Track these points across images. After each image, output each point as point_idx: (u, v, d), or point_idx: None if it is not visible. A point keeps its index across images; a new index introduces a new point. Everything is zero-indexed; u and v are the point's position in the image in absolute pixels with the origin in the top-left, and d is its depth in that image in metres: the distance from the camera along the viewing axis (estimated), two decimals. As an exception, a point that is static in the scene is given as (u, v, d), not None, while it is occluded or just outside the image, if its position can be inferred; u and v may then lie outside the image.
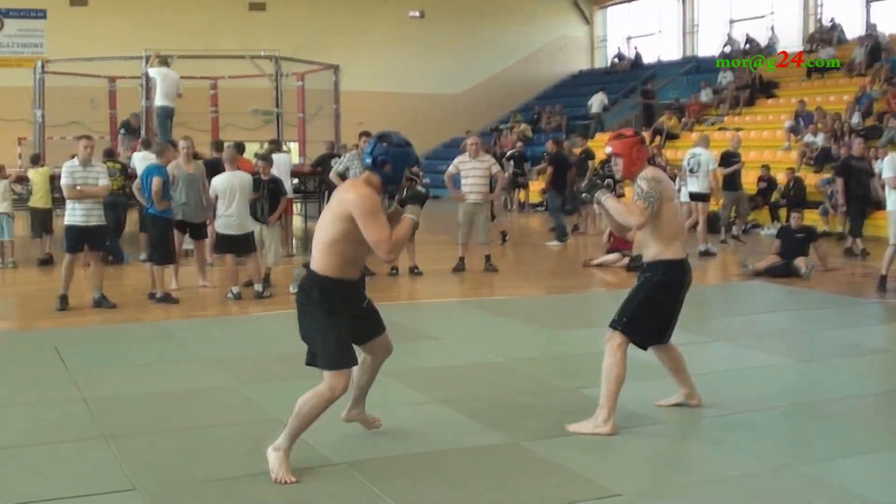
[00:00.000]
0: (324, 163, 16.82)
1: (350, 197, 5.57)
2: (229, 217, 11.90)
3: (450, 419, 6.88)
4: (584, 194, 7.03)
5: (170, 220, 12.11)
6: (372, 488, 5.46)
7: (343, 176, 13.49)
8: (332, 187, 14.22)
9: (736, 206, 18.94)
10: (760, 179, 21.41)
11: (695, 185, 16.91)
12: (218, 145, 15.34)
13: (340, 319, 5.69)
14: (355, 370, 6.05)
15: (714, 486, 5.69)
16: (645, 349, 6.83)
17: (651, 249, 6.64)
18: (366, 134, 13.72)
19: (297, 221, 19.61)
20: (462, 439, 6.39)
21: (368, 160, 5.72)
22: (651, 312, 6.64)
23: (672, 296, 6.67)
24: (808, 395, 7.71)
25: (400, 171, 5.75)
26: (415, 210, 5.72)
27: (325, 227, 5.66)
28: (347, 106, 21.34)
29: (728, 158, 18.59)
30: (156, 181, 11.81)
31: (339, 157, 14.63)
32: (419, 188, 5.81)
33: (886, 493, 5.59)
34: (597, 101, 32.59)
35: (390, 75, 34.57)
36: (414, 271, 14.07)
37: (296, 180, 18.12)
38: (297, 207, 19.20)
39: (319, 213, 17.07)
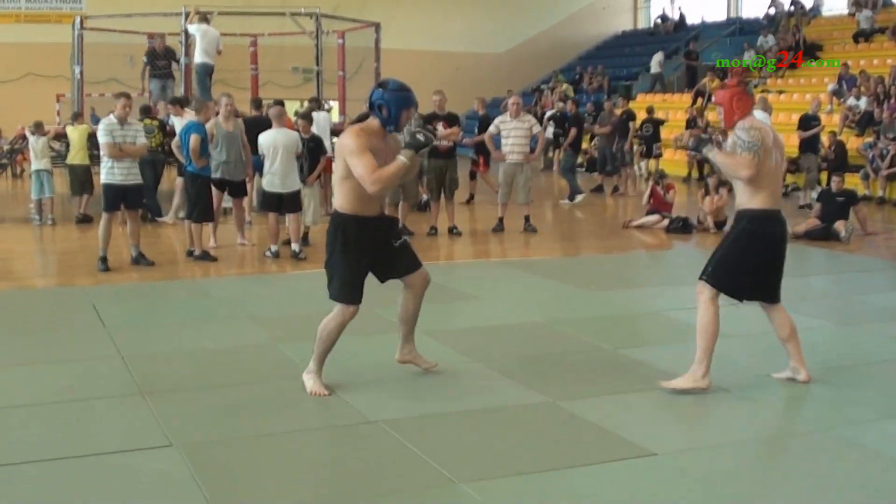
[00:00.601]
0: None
1: (342, 139, 6.23)
2: (273, 175, 11.89)
3: (486, 378, 6.88)
4: (691, 151, 7.08)
5: (208, 177, 12.11)
6: (408, 445, 5.47)
7: None
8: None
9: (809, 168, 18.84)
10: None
11: None
12: (257, 103, 15.31)
13: (354, 256, 6.37)
14: (398, 306, 6.87)
15: (748, 447, 5.68)
16: (741, 301, 6.77)
17: (739, 199, 6.58)
18: None
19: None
20: (498, 398, 6.39)
21: (367, 104, 6.35)
22: (737, 262, 6.56)
23: (758, 247, 6.55)
24: (845, 358, 7.62)
25: (396, 112, 6.24)
26: (407, 154, 6.10)
27: (336, 167, 6.36)
28: (388, 64, 21.22)
29: (808, 122, 18.54)
30: (193, 138, 11.82)
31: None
32: (418, 136, 6.14)
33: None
34: (656, 61, 32.16)
35: (432, 33, 34.42)
36: (453, 231, 14.03)
37: (336, 139, 18.09)
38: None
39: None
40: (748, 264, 6.57)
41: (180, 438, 5.58)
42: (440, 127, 13.81)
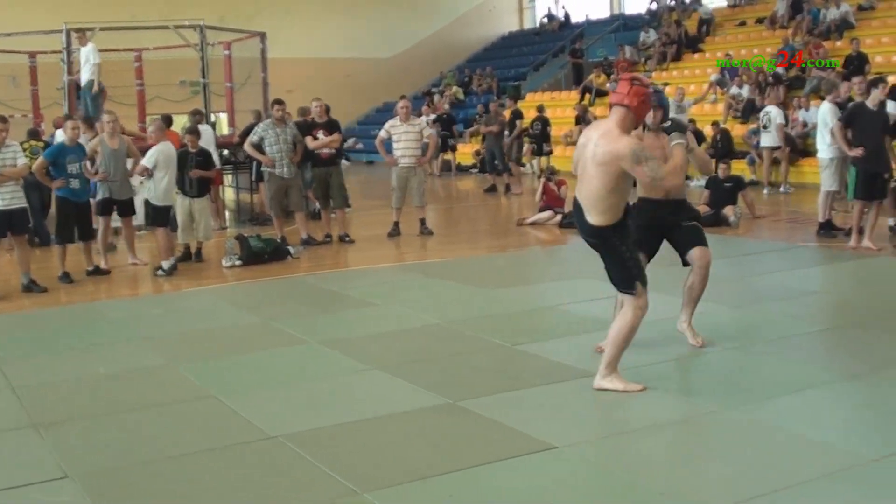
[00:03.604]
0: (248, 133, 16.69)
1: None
2: (167, 190, 11.90)
3: (386, 384, 6.86)
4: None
5: (67, 199, 11.68)
6: (309, 459, 5.42)
7: (258, 146, 13.37)
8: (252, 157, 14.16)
9: None
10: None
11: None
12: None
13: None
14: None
15: (649, 433, 5.75)
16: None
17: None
18: (279, 102, 13.60)
19: (229, 193, 19.44)
20: (400, 404, 6.38)
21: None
22: None
23: None
24: (741, 339, 7.77)
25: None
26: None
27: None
28: (277, 74, 21.12)
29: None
30: (39, 161, 11.71)
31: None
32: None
33: (820, 429, 5.68)
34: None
35: (320, 41, 34.29)
36: (345, 239, 14.01)
37: (225, 151, 17.94)
38: (228, 179, 19.01)
39: (250, 184, 17.18)
40: None
41: (76, 469, 5.42)
42: (321, 134, 13.81)
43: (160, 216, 11.96)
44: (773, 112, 18.24)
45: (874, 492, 4.82)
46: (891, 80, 18.48)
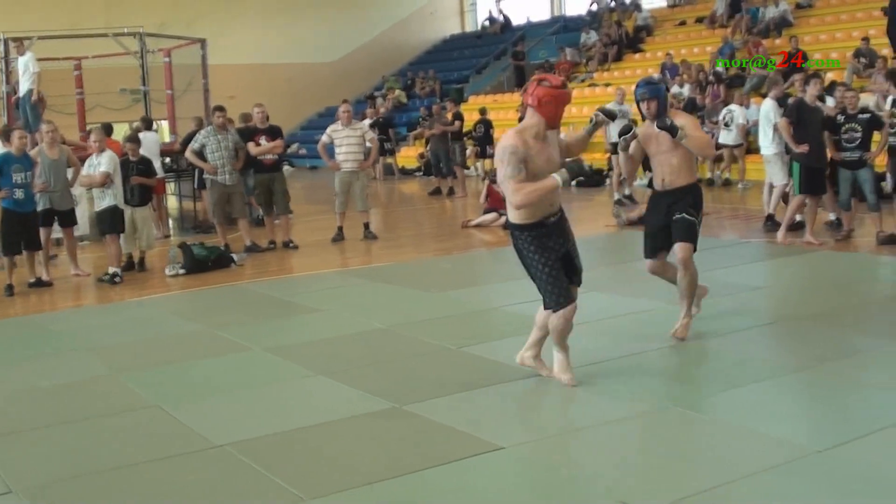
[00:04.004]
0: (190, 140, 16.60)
1: None
2: (110, 196, 11.83)
3: (332, 390, 6.86)
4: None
5: (6, 209, 11.50)
6: (256, 467, 5.39)
7: (199, 154, 13.31)
8: (195, 165, 14.08)
9: None
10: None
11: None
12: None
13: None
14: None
15: (595, 431, 5.78)
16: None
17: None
18: (219, 109, 13.54)
19: (171, 201, 19.31)
20: (344, 409, 6.37)
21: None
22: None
23: None
24: (687, 337, 7.81)
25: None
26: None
27: None
28: (218, 80, 21.03)
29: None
30: None
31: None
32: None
33: (765, 422, 5.75)
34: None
35: (261, 46, 34.12)
36: (289, 245, 13.98)
37: (167, 159, 17.82)
38: (170, 187, 18.89)
39: (193, 191, 17.07)
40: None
41: (21, 483, 5.36)
42: (263, 141, 13.78)
43: (118, 221, 11.92)
44: (736, 111, 18.40)
45: (819, 484, 4.88)
46: (829, 76, 18.87)
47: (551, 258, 6.31)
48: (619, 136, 7.61)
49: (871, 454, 5.17)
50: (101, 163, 11.80)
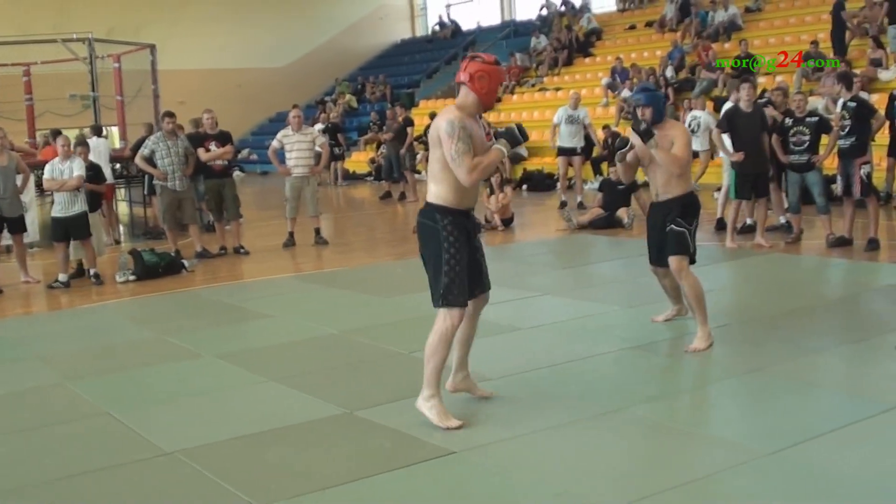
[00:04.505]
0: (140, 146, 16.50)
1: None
2: (60, 203, 11.79)
3: (283, 396, 6.84)
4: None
5: None
6: (207, 474, 5.38)
7: (149, 160, 13.24)
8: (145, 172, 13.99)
9: None
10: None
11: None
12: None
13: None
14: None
15: (546, 435, 5.81)
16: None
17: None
18: (169, 114, 13.48)
19: (122, 207, 19.17)
20: (296, 415, 6.36)
21: None
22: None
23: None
24: (636, 338, 7.90)
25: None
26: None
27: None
28: (168, 85, 20.95)
29: None
30: None
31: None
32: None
33: (716, 425, 5.84)
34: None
35: (211, 51, 34.03)
36: (240, 251, 13.95)
37: (118, 165, 17.71)
38: (120, 193, 18.76)
39: (143, 197, 16.97)
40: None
41: (-35, 494, 5.32)
42: (213, 146, 13.74)
43: (88, 225, 11.93)
44: (702, 117, 18.40)
45: (770, 485, 4.93)
46: (778, 80, 19.05)
47: (463, 253, 5.89)
48: (617, 150, 7.85)
49: (823, 456, 5.24)
50: (74, 167, 11.72)
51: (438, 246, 5.82)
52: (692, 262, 7.74)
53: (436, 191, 5.89)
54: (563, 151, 17.74)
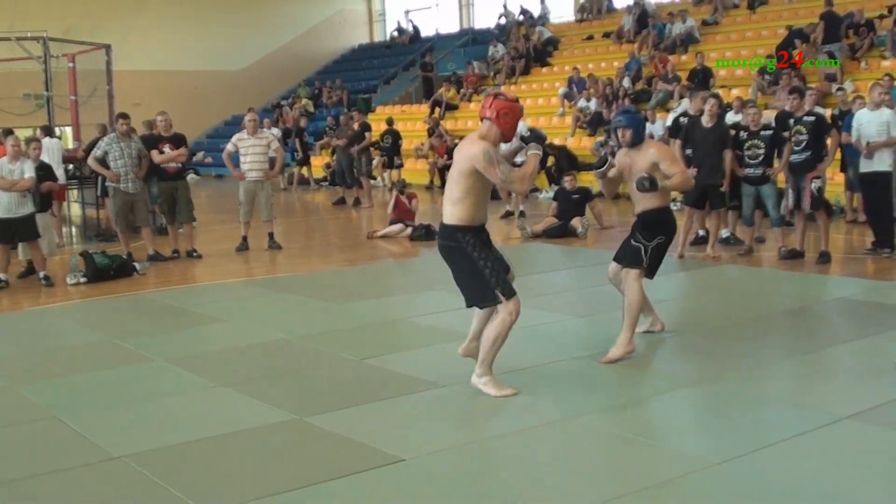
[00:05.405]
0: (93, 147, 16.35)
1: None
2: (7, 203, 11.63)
3: (233, 401, 6.80)
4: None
5: None
6: (155, 479, 5.33)
7: (102, 161, 13.13)
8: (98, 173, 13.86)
9: None
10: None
11: None
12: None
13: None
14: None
15: (497, 442, 5.84)
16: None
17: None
18: (123, 116, 13.37)
19: (75, 209, 19.01)
20: (246, 421, 6.32)
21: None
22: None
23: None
24: (588, 347, 7.91)
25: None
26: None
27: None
28: (124, 86, 20.81)
29: None
30: None
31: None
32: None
33: (667, 435, 5.87)
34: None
35: (168, 53, 33.79)
36: (192, 254, 13.85)
37: (70, 166, 17.53)
38: (73, 194, 18.59)
39: (96, 199, 16.80)
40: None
41: None
42: (166, 148, 13.66)
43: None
44: (653, 129, 18.48)
45: (717, 495, 4.98)
46: (734, 93, 19.22)
47: (492, 255, 6.60)
48: (596, 169, 8.12)
49: (769, 466, 5.28)
50: (26, 168, 11.59)
51: (468, 258, 6.54)
52: (649, 276, 7.87)
53: (454, 212, 6.56)
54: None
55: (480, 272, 6.51)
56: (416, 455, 5.55)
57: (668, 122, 16.04)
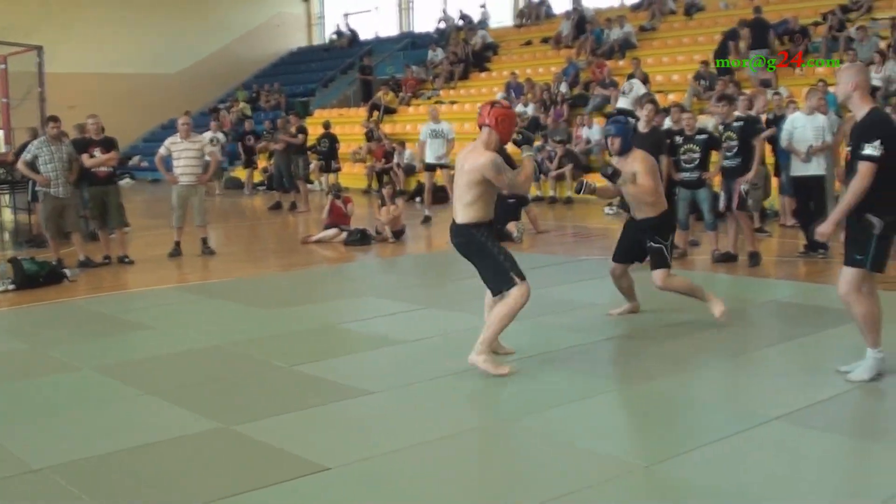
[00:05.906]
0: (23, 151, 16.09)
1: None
2: None
3: (159, 409, 6.71)
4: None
5: None
6: (76, 492, 5.24)
7: (32, 165, 12.94)
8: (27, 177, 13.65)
9: None
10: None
11: None
12: None
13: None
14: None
15: (422, 449, 5.79)
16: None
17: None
18: (53, 119, 13.20)
19: (5, 214, 18.73)
20: (171, 429, 6.24)
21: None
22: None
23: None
24: (522, 351, 7.88)
25: None
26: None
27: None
28: (58, 89, 20.55)
29: None
30: None
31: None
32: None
33: (594, 438, 5.88)
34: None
35: (104, 55, 33.42)
36: (124, 260, 13.66)
37: (1, 170, 17.28)
38: (5, 199, 18.32)
39: (28, 204, 16.57)
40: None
41: None
42: (97, 152, 13.50)
43: None
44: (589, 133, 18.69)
45: (645, 498, 4.99)
46: (671, 98, 19.36)
47: (503, 246, 7.35)
48: (577, 193, 8.79)
49: (697, 469, 5.31)
50: None
51: (483, 249, 7.23)
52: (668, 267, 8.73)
53: (468, 213, 7.21)
54: (428, 167, 17.84)
55: (496, 259, 7.17)
56: (341, 463, 5.51)
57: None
